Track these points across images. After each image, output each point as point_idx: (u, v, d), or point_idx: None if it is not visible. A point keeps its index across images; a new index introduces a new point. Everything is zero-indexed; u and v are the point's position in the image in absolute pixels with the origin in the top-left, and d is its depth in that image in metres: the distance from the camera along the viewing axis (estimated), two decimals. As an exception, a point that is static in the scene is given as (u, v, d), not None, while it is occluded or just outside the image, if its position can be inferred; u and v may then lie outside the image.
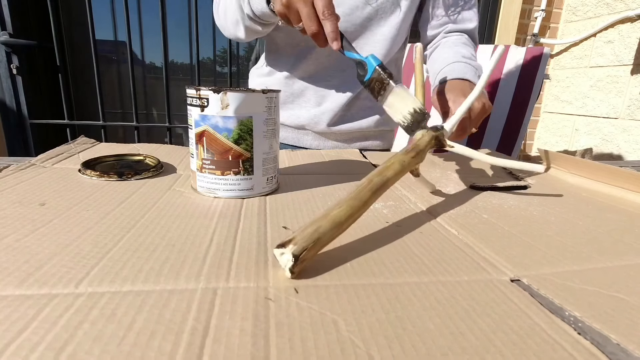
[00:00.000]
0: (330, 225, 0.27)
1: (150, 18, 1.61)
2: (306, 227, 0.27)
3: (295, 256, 0.25)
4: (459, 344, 0.20)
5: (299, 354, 0.18)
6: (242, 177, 0.40)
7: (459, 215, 0.38)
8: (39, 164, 0.48)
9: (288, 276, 0.25)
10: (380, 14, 0.72)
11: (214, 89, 0.37)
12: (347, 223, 0.29)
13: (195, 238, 0.30)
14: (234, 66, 1.64)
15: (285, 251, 0.25)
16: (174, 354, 0.18)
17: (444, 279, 0.26)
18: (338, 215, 0.28)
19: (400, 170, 0.36)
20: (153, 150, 0.59)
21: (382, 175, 0.33)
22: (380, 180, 0.33)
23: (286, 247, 0.25)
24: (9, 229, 0.30)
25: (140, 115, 1.57)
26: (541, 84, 1.21)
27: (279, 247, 0.25)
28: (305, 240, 0.26)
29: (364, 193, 0.31)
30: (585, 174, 0.53)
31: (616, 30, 1.59)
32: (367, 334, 0.20)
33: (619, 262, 0.30)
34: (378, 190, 0.32)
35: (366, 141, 0.82)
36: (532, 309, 0.23)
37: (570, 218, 0.39)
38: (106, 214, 0.34)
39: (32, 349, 0.18)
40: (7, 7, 1.35)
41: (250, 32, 0.67)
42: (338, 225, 0.28)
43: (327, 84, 0.75)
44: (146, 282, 0.24)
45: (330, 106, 0.75)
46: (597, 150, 1.69)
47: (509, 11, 1.79)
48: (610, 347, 0.20)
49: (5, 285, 0.23)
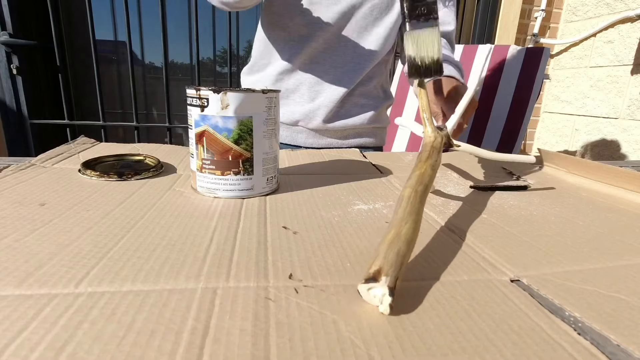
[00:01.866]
0: (406, 245, 0.25)
1: (150, 18, 1.61)
2: (386, 253, 0.24)
3: (391, 289, 0.22)
4: (458, 344, 0.20)
5: (299, 354, 0.18)
6: (242, 177, 0.40)
7: (458, 215, 0.38)
8: (39, 164, 0.48)
9: (386, 313, 0.21)
10: (376, 14, 0.72)
11: (214, 89, 0.37)
12: (415, 238, 0.27)
13: (195, 238, 0.30)
14: (234, 66, 1.64)
15: (378, 285, 0.22)
16: (174, 353, 0.18)
17: (444, 278, 0.26)
18: (408, 232, 0.26)
19: (433, 174, 0.36)
20: (153, 150, 0.59)
21: (423, 184, 0.34)
22: (423, 189, 0.33)
23: (378, 281, 0.22)
24: (8, 229, 0.30)
25: (140, 115, 1.57)
26: (541, 84, 1.21)
27: (368, 282, 0.22)
28: (392, 267, 0.23)
29: (417, 205, 0.30)
30: (585, 174, 0.53)
31: (616, 30, 1.59)
32: (367, 334, 0.20)
33: (619, 262, 0.30)
34: (423, 198, 0.32)
35: (360, 138, 0.82)
36: (532, 309, 0.23)
37: (570, 218, 0.39)
38: (106, 214, 0.34)
39: (32, 348, 0.18)
40: (7, 7, 1.35)
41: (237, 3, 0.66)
42: (411, 242, 0.26)
43: (320, 80, 0.75)
44: (146, 282, 0.24)
45: (325, 102, 0.75)
46: (597, 150, 1.69)
47: (509, 11, 1.79)
48: (610, 348, 0.20)
49: (5, 285, 0.23)
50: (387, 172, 0.54)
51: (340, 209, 0.39)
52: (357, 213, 0.38)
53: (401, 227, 0.27)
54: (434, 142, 0.42)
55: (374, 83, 0.80)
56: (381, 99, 0.83)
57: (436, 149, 0.41)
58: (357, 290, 0.24)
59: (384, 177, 0.51)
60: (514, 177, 0.55)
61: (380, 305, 0.22)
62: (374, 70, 0.78)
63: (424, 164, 0.37)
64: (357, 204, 0.40)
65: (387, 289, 0.21)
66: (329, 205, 0.39)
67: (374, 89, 0.81)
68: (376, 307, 0.22)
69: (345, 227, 0.34)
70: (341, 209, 0.39)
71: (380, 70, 0.80)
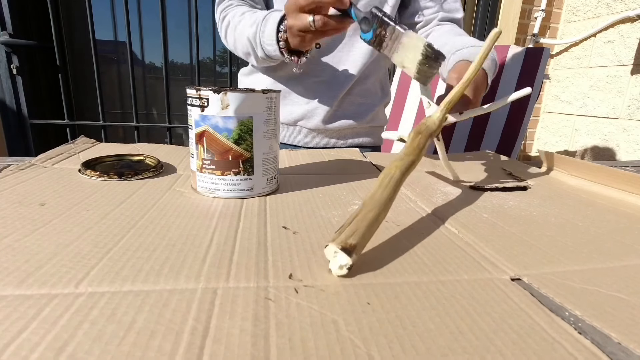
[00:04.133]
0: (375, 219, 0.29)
1: (150, 18, 1.61)
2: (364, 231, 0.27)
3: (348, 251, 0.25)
4: (459, 343, 0.20)
5: (299, 354, 0.18)
6: (242, 177, 0.40)
7: (459, 215, 0.38)
8: (39, 164, 0.48)
9: (341, 273, 0.25)
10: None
11: (214, 89, 0.37)
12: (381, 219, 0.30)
13: (195, 238, 0.30)
14: (234, 66, 1.64)
15: (350, 259, 0.25)
16: (174, 353, 0.18)
17: (444, 278, 0.26)
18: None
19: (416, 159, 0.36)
20: (153, 150, 0.59)
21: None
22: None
23: (351, 256, 0.25)
24: (9, 229, 0.30)
25: (140, 115, 1.57)
26: (541, 84, 1.21)
27: (344, 251, 0.26)
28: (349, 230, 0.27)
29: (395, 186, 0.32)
30: (585, 175, 0.53)
31: (616, 30, 1.59)
32: (367, 334, 0.20)
33: (619, 263, 0.30)
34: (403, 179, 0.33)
35: (358, 138, 0.82)
36: (532, 308, 0.23)
37: (570, 219, 0.39)
38: (106, 214, 0.34)
39: (32, 349, 0.18)
40: (7, 7, 1.35)
41: (262, 63, 0.70)
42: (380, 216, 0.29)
43: (319, 79, 0.76)
44: (146, 282, 0.24)
45: (323, 101, 0.76)
46: (597, 151, 1.69)
47: (509, 11, 1.79)
48: (611, 347, 0.20)
49: (5, 285, 0.23)
50: (387, 172, 0.54)
51: (340, 208, 0.39)
52: (357, 213, 0.38)
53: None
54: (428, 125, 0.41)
55: (371, 80, 0.80)
56: (379, 97, 0.83)
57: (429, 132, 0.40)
58: (330, 249, 0.26)
59: (384, 177, 0.51)
60: (514, 178, 0.55)
61: (338, 269, 0.25)
62: (370, 67, 0.77)
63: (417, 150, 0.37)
64: (357, 204, 0.40)
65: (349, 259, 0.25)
66: (329, 205, 0.39)
67: (372, 86, 0.81)
68: (377, 306, 0.22)
69: (346, 227, 0.34)
70: (341, 208, 0.39)
71: (377, 67, 0.80)
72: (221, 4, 0.73)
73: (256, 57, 0.67)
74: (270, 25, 0.60)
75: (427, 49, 0.43)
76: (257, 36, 0.63)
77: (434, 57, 0.43)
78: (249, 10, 0.69)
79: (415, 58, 0.44)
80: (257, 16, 0.64)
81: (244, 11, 0.69)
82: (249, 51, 0.68)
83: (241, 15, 0.68)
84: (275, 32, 0.59)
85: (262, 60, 0.68)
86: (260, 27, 0.62)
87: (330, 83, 0.75)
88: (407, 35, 0.44)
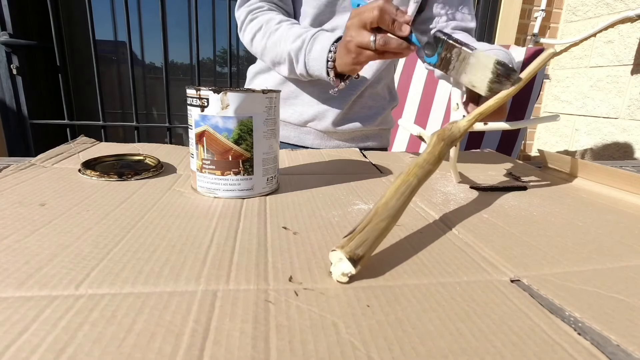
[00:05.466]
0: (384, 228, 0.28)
1: (150, 18, 1.61)
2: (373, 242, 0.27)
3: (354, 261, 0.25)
4: (459, 345, 0.20)
5: (299, 357, 0.18)
6: (242, 177, 0.40)
7: (459, 215, 0.38)
8: (39, 164, 0.48)
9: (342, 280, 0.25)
10: None
11: (214, 89, 0.37)
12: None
13: (195, 239, 0.30)
14: (234, 66, 1.63)
15: (353, 269, 0.25)
16: (174, 355, 0.18)
17: (444, 280, 0.26)
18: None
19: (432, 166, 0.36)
20: (153, 150, 0.59)
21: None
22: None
23: (355, 267, 0.25)
24: (9, 230, 0.30)
25: (140, 115, 1.57)
26: (541, 84, 1.21)
27: (350, 261, 0.25)
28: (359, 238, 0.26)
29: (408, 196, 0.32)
30: (585, 175, 0.53)
31: (616, 30, 1.59)
32: (367, 336, 0.20)
33: (619, 264, 0.30)
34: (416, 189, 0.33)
35: (367, 141, 0.82)
36: (532, 309, 0.23)
37: (570, 219, 0.39)
38: (106, 215, 0.34)
39: (32, 350, 0.18)
40: (7, 7, 1.35)
41: (293, 76, 0.69)
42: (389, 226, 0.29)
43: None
44: (146, 284, 0.24)
45: (335, 103, 0.75)
46: (597, 150, 1.69)
47: (509, 11, 1.79)
48: (611, 348, 0.20)
49: (5, 287, 0.23)
50: (387, 171, 0.54)
51: (340, 209, 0.39)
52: (357, 213, 0.38)
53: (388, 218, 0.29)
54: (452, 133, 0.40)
55: (382, 84, 0.80)
56: (387, 101, 0.83)
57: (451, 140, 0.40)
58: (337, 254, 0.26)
59: (384, 177, 0.51)
60: (514, 178, 0.55)
61: (341, 276, 0.25)
62: (382, 72, 0.78)
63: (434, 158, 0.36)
64: (357, 204, 0.40)
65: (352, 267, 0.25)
66: (329, 205, 0.39)
67: (381, 90, 0.81)
68: (377, 308, 0.22)
69: (345, 227, 0.34)
70: (341, 209, 0.39)
71: (388, 71, 0.81)
72: (247, 5, 0.71)
73: (291, 70, 0.66)
74: (321, 44, 0.59)
75: (498, 67, 0.42)
76: (301, 52, 0.62)
77: (506, 74, 0.43)
78: (286, 20, 0.67)
79: (486, 77, 0.43)
80: (302, 32, 0.62)
81: (280, 20, 0.67)
82: (280, 62, 0.66)
83: (278, 24, 0.66)
84: (326, 52, 0.59)
85: (297, 75, 0.66)
86: (307, 45, 0.61)
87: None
88: (475, 55, 0.44)
